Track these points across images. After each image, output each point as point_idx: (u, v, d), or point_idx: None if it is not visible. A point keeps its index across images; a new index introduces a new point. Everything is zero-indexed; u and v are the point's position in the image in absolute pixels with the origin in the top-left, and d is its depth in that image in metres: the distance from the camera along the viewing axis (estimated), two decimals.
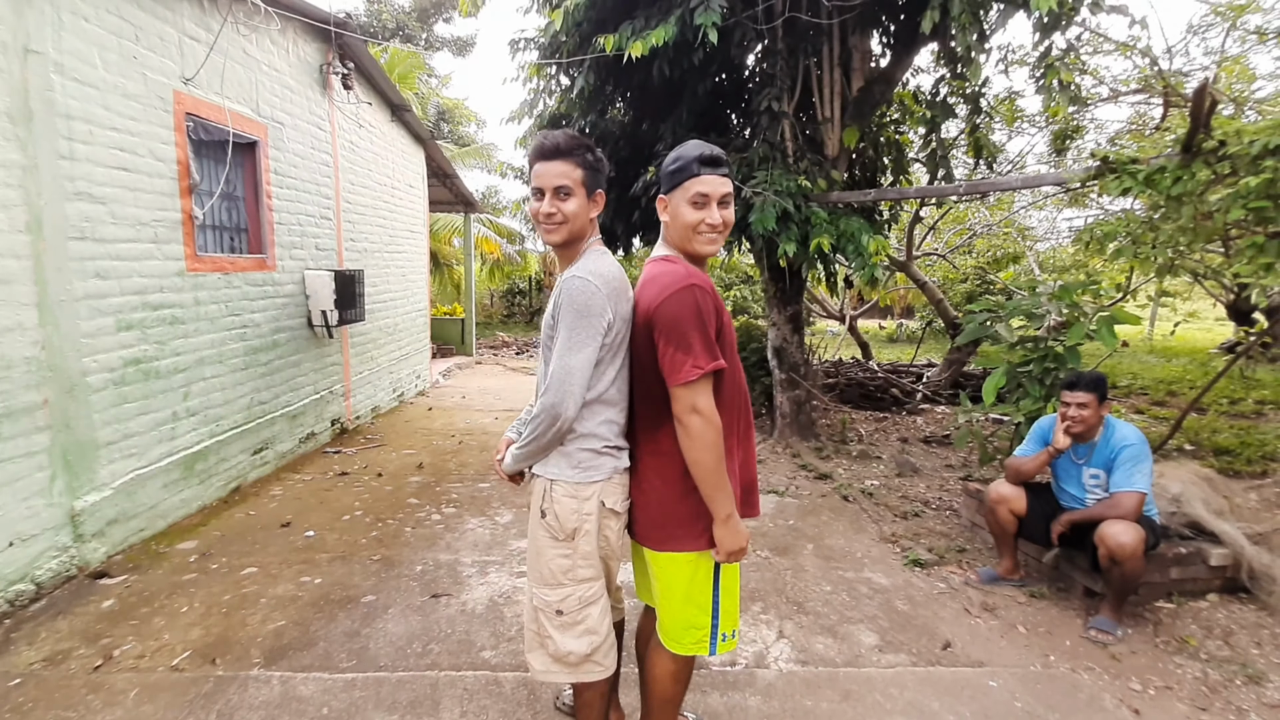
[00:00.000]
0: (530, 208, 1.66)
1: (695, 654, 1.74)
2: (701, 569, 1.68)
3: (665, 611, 1.73)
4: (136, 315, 3.52)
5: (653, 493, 1.66)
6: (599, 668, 1.73)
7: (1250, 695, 2.39)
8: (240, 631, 2.70)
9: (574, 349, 1.54)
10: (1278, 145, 2.64)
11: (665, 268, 1.62)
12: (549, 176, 1.61)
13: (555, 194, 1.62)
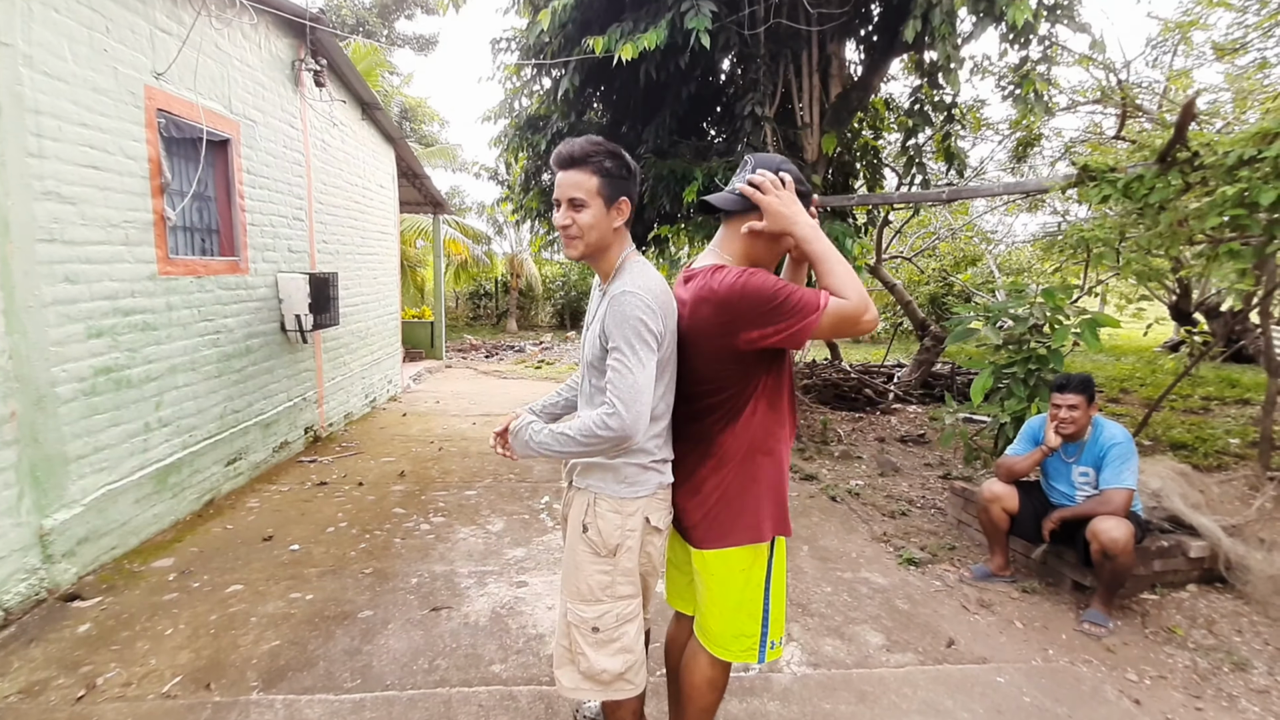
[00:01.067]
0: (554, 219, 1.64)
1: (742, 661, 1.73)
2: (756, 569, 1.67)
3: (714, 618, 1.71)
4: (107, 321, 3.33)
5: (711, 493, 1.65)
6: (630, 686, 1.70)
7: (1238, 682, 2.51)
8: (233, 653, 2.57)
9: (638, 366, 1.49)
10: (1252, 156, 2.79)
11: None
12: (564, 187, 1.57)
13: (570, 205, 1.57)
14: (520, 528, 3.95)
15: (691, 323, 1.62)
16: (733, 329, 1.53)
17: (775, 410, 1.64)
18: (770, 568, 1.70)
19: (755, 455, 1.63)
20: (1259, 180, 2.75)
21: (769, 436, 1.63)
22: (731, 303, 1.52)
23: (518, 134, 6.71)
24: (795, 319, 1.48)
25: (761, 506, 1.64)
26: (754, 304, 1.50)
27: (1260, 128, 2.84)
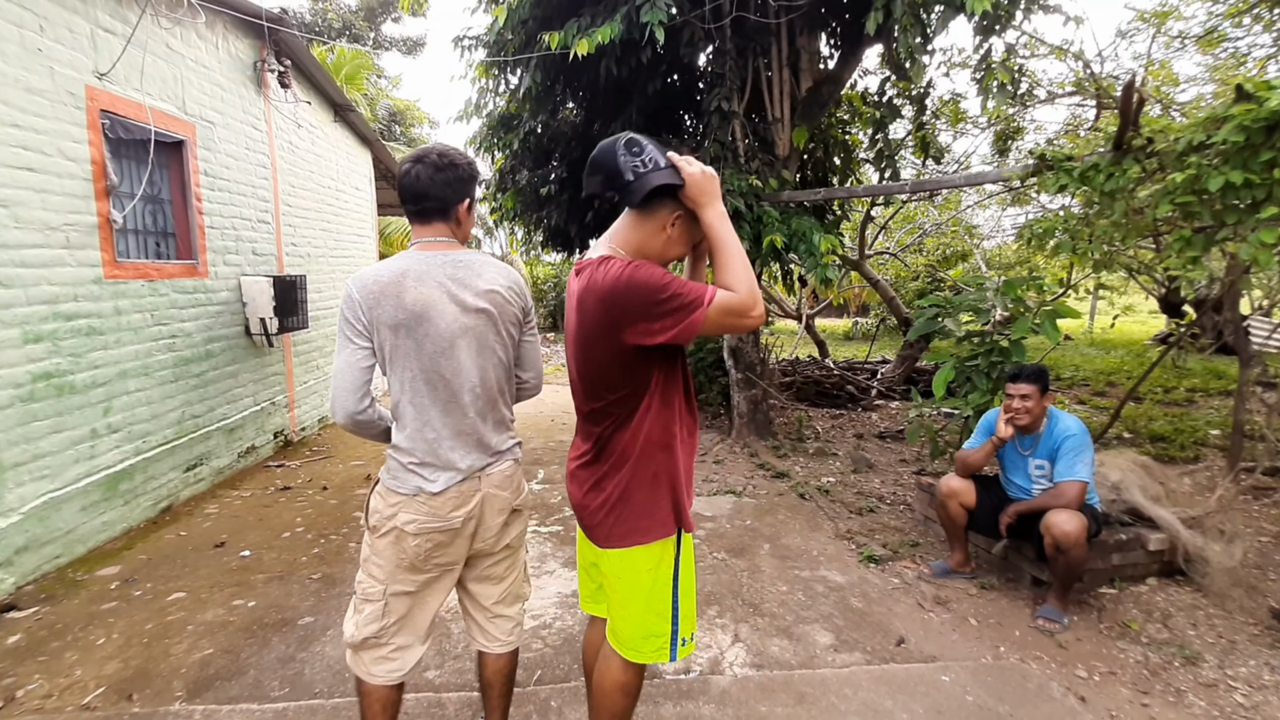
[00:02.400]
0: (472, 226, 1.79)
1: (654, 661, 1.67)
2: (663, 567, 1.61)
3: (623, 620, 1.65)
4: (46, 326, 3.27)
5: (611, 492, 1.59)
6: (363, 669, 1.72)
7: (1188, 676, 2.45)
8: (162, 663, 2.51)
9: (336, 353, 1.65)
10: (1201, 142, 2.73)
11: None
12: None
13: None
14: None
15: (579, 319, 1.56)
16: (619, 326, 1.46)
17: (668, 406, 1.57)
18: (678, 565, 1.64)
19: (653, 452, 1.56)
20: (1208, 166, 2.70)
21: (664, 432, 1.56)
22: (616, 298, 1.44)
23: (491, 133, 6.66)
24: (682, 314, 1.41)
25: (660, 503, 1.59)
26: (640, 298, 1.42)
27: (1210, 113, 2.79)
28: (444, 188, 1.61)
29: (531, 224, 7.22)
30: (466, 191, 1.66)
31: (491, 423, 1.69)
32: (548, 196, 6.72)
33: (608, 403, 1.57)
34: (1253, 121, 2.54)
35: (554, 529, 3.92)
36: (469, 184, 1.67)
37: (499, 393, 1.69)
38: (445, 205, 1.62)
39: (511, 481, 1.75)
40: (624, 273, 1.45)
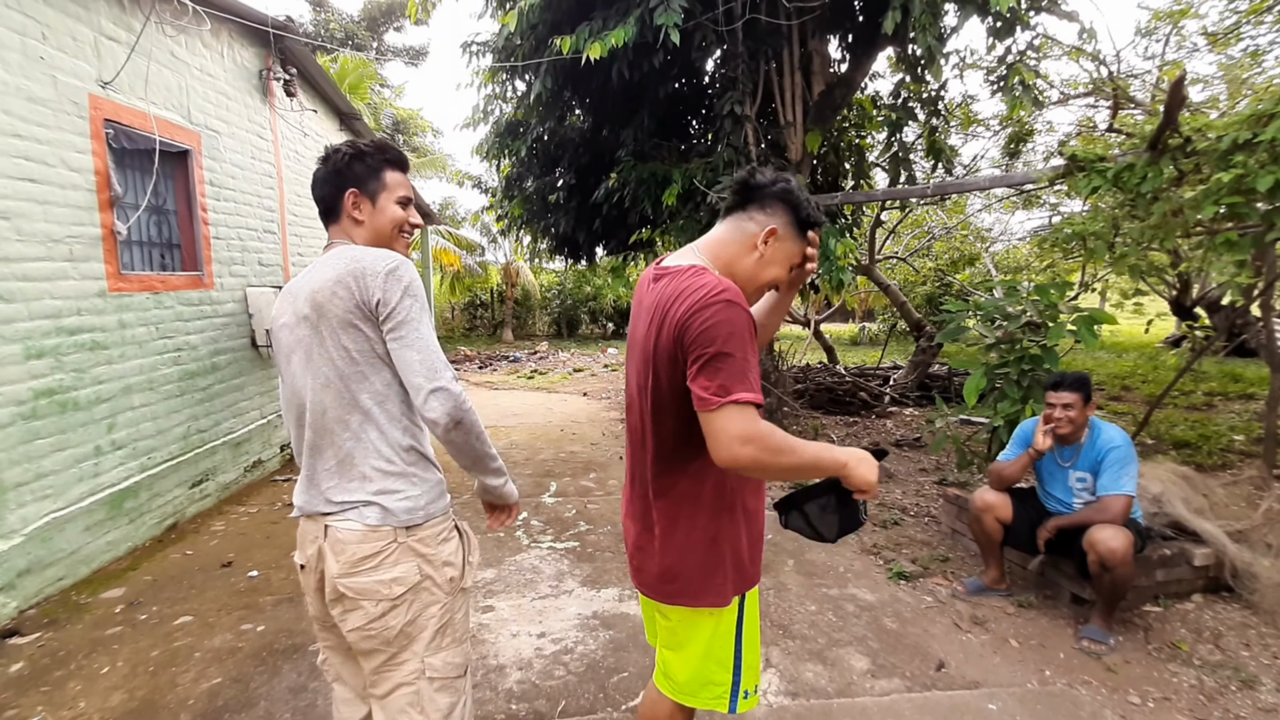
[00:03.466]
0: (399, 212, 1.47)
1: (711, 709, 1.49)
2: (724, 624, 1.44)
3: (678, 666, 1.49)
4: (49, 341, 3.18)
5: (664, 539, 1.40)
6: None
7: (1246, 701, 2.33)
8: (169, 694, 2.40)
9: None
10: (1247, 140, 2.63)
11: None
12: (410, 188, 1.54)
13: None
14: (493, 546, 3.78)
15: (652, 329, 1.33)
16: (679, 351, 1.26)
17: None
18: (742, 617, 1.46)
19: (717, 511, 1.37)
20: (1255, 165, 2.59)
21: (733, 491, 1.38)
22: (697, 321, 1.22)
23: (498, 140, 6.59)
24: (712, 389, 1.19)
25: (718, 569, 1.38)
26: (704, 339, 1.21)
27: (1254, 110, 2.68)
28: (323, 185, 1.45)
29: (539, 231, 7.14)
30: (343, 182, 1.43)
31: (332, 462, 1.34)
32: (555, 204, 6.65)
33: (668, 434, 1.35)
34: None
35: (570, 544, 3.80)
36: (343, 173, 1.43)
37: (337, 423, 1.32)
38: (329, 203, 1.45)
39: (352, 551, 1.31)
40: (719, 301, 1.22)
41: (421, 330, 1.30)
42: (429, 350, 1.29)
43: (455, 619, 1.43)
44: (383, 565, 1.32)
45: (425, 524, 1.37)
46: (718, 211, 4.79)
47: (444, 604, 1.39)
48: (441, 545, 1.39)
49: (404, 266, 1.34)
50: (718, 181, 4.99)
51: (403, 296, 1.30)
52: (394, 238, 1.47)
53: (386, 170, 1.46)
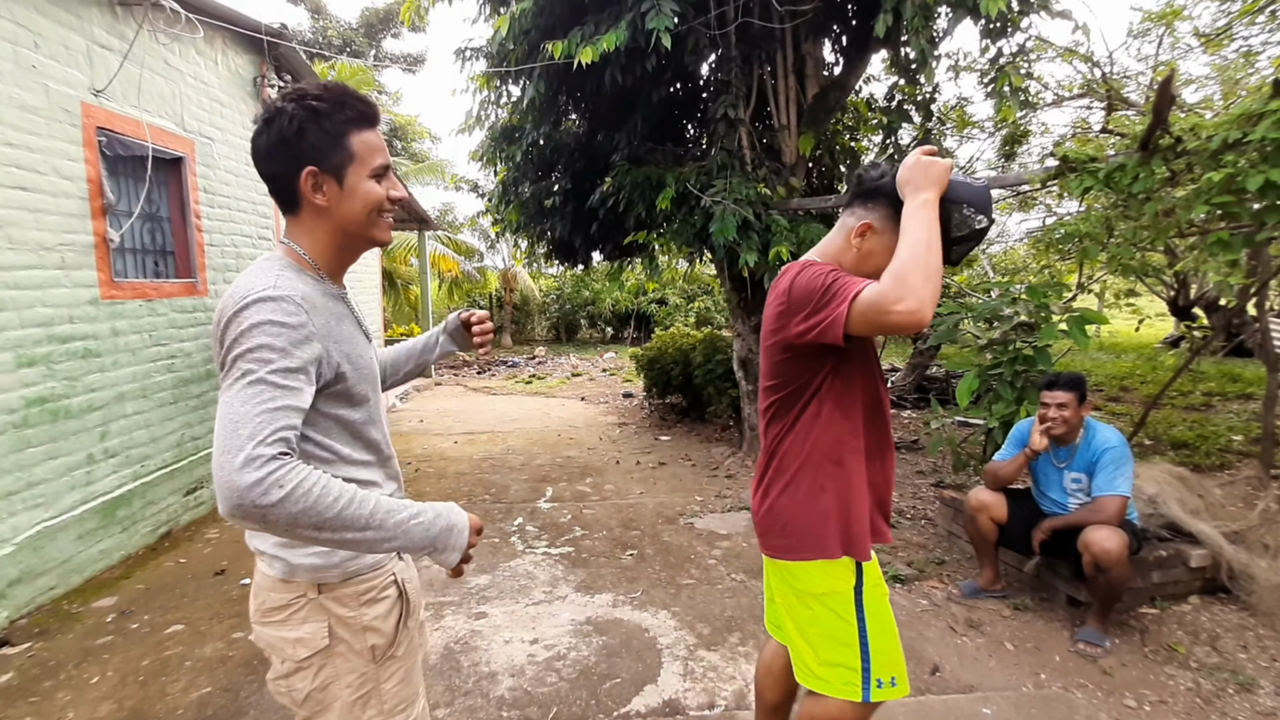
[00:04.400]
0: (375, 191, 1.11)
1: (847, 698, 1.46)
2: (837, 594, 1.47)
3: (798, 642, 1.52)
4: (40, 350, 3.17)
5: (774, 498, 1.54)
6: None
7: (1244, 704, 2.31)
8: (158, 704, 2.39)
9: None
10: (1237, 139, 2.62)
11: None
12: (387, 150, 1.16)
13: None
14: (488, 552, 3.76)
15: (764, 315, 1.57)
16: (785, 322, 1.43)
17: (846, 418, 1.46)
18: (860, 594, 1.48)
19: (820, 463, 1.47)
20: (1245, 165, 2.59)
21: (835, 445, 1.46)
22: (785, 294, 1.43)
23: (493, 145, 6.59)
24: (825, 311, 1.31)
25: (823, 519, 1.47)
26: (801, 295, 1.38)
27: (1245, 109, 2.68)
28: (268, 159, 1.09)
29: (535, 236, 7.13)
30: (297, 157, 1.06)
31: None
32: (551, 208, 6.64)
33: (772, 402, 1.54)
34: None
35: (565, 550, 3.79)
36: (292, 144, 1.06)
37: None
38: (280, 185, 1.10)
39: (263, 598, 1.15)
40: (801, 269, 1.42)
41: (237, 389, 0.95)
42: (227, 417, 0.93)
43: (384, 689, 1.17)
44: (290, 621, 1.14)
45: (347, 582, 1.14)
46: (711, 215, 4.76)
47: (363, 673, 1.15)
48: (365, 607, 1.15)
49: (253, 309, 0.98)
50: (711, 185, 4.99)
51: (238, 340, 0.97)
52: (371, 225, 1.14)
53: (352, 132, 1.08)
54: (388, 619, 1.17)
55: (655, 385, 7.91)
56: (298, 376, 1.00)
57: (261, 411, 0.94)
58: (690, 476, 5.32)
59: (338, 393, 1.11)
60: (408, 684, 1.21)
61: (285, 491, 0.90)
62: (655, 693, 2.41)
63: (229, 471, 0.90)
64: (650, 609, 3.06)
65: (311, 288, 1.09)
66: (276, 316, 0.99)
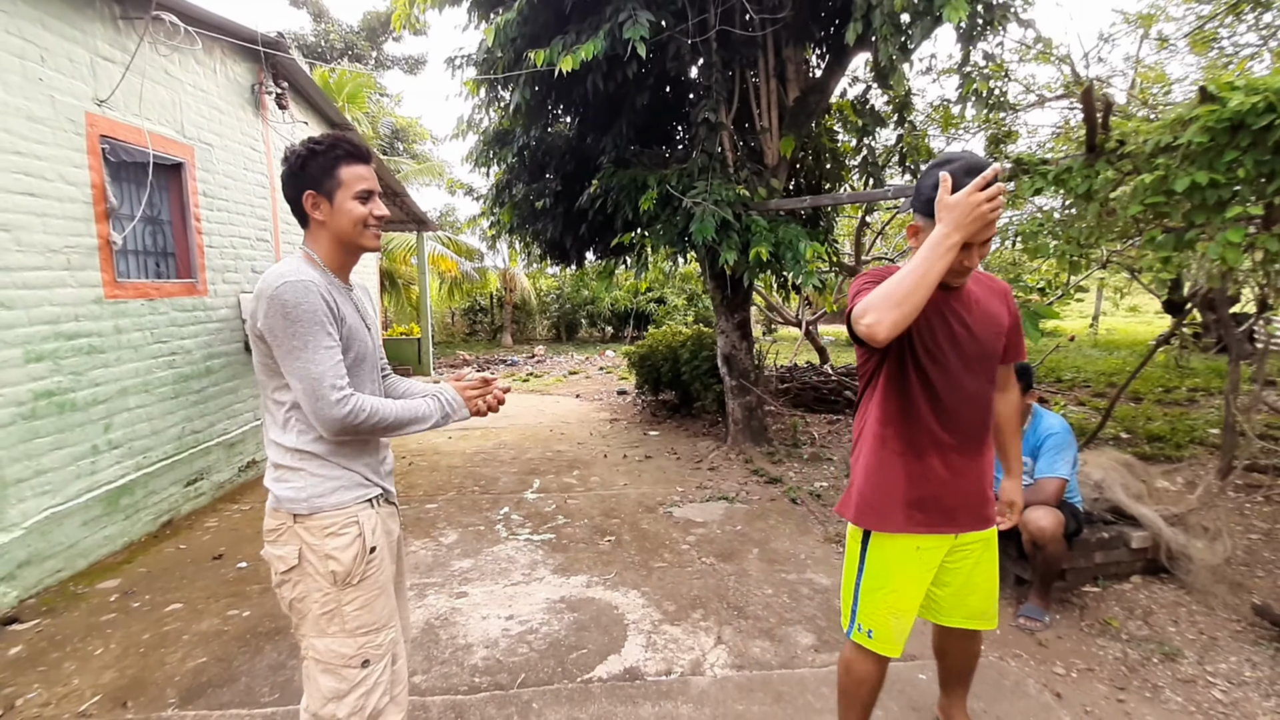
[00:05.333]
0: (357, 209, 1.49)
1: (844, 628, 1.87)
2: (852, 544, 1.82)
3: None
4: (48, 346, 3.37)
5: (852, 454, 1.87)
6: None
7: (1166, 672, 2.47)
8: (157, 672, 2.58)
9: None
10: (1169, 143, 2.78)
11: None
12: (373, 179, 1.54)
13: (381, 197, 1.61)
14: (473, 539, 3.95)
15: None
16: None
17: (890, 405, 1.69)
18: (864, 557, 1.78)
19: (867, 437, 1.75)
20: (1175, 167, 2.74)
21: (881, 425, 1.71)
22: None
23: (485, 148, 6.78)
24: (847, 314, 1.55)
25: (854, 485, 1.78)
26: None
27: (1177, 114, 2.84)
28: (285, 187, 1.52)
29: (529, 237, 7.32)
30: (300, 184, 1.48)
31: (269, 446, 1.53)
32: (542, 210, 6.82)
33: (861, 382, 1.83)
34: (1216, 122, 2.59)
35: (546, 537, 3.97)
36: (299, 175, 1.47)
37: (266, 412, 1.53)
38: (293, 206, 1.52)
39: (266, 521, 1.52)
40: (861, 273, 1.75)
41: (300, 358, 1.38)
42: (307, 377, 1.38)
43: (344, 610, 1.47)
44: (277, 541, 1.50)
45: (313, 515, 1.46)
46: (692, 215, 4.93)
47: (327, 592, 1.46)
48: (328, 538, 1.46)
49: (285, 290, 1.37)
50: (693, 186, 5.16)
51: (278, 321, 1.38)
52: (359, 235, 1.51)
53: (342, 166, 1.47)
54: (346, 551, 1.48)
55: (647, 382, 8.09)
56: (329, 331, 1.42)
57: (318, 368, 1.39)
58: (674, 469, 5.49)
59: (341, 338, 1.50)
60: (369, 611, 1.51)
61: (366, 414, 1.43)
62: (618, 661, 2.59)
63: (324, 407, 1.39)
64: (621, 589, 3.24)
65: (321, 276, 1.48)
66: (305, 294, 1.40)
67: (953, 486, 1.70)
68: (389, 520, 1.64)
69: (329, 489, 1.48)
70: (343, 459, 1.51)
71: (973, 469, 1.72)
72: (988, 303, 1.70)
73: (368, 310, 1.66)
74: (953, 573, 1.83)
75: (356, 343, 1.52)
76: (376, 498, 1.58)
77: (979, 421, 1.71)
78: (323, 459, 1.49)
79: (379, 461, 1.62)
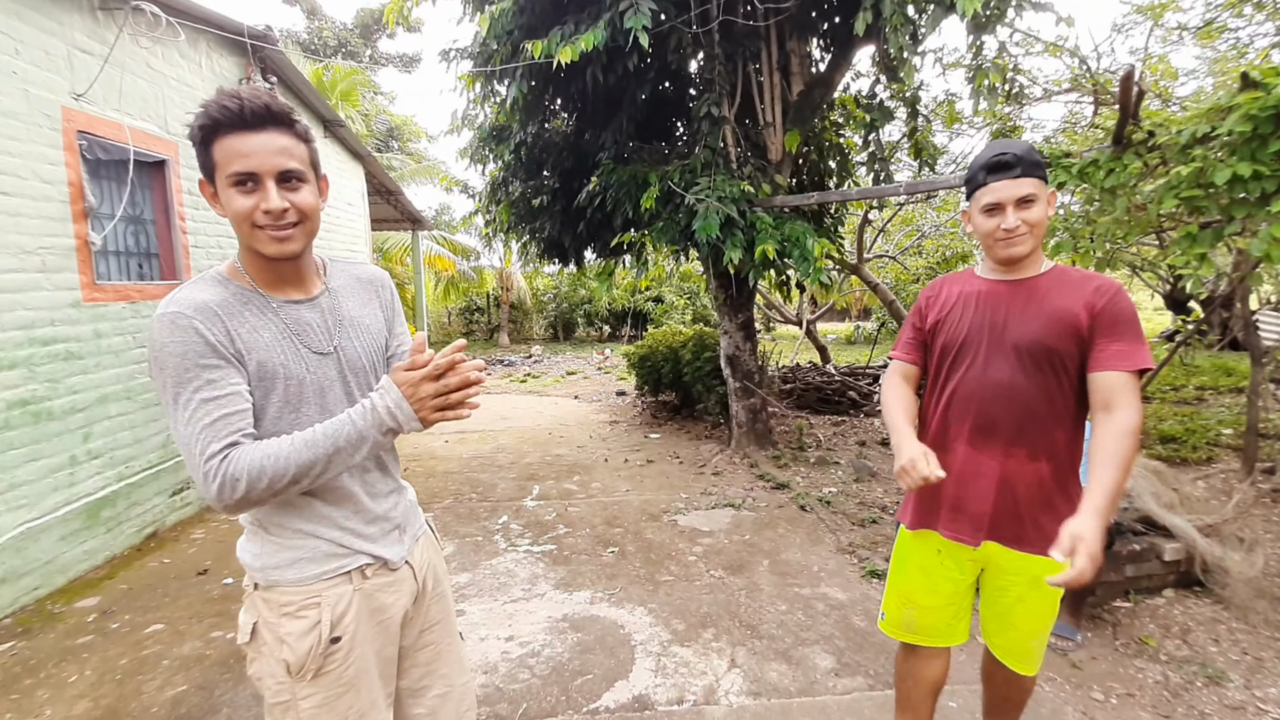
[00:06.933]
0: (235, 200, 1.08)
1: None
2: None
3: None
4: (21, 352, 3.20)
5: None
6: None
7: (1212, 697, 2.32)
8: (133, 701, 2.41)
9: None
10: (1205, 134, 2.63)
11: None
12: (265, 154, 1.06)
13: (282, 181, 1.08)
14: (471, 551, 3.78)
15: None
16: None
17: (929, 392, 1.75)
18: (897, 548, 1.83)
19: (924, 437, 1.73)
20: (1214, 158, 2.59)
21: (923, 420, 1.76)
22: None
23: (481, 144, 6.60)
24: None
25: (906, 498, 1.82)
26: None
27: (1214, 103, 2.68)
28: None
29: (526, 236, 7.15)
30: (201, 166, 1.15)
31: None
32: (540, 208, 6.65)
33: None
34: (1260, 110, 2.43)
35: (547, 548, 3.81)
36: (198, 148, 1.12)
37: None
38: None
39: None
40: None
41: (171, 419, 1.06)
42: (180, 444, 1.06)
43: (299, 705, 1.16)
44: (244, 604, 1.22)
45: (270, 588, 1.17)
46: (695, 213, 4.76)
47: (281, 681, 1.16)
48: (284, 619, 1.15)
49: (155, 327, 1.06)
50: (695, 183, 5.00)
51: (153, 370, 1.08)
52: (248, 237, 1.10)
53: (216, 140, 1.06)
54: (301, 639, 1.14)
55: (647, 383, 7.93)
56: (207, 376, 1.05)
57: (188, 426, 1.03)
58: (677, 474, 5.33)
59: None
60: (329, 712, 1.17)
61: (246, 477, 1.02)
62: (626, 688, 2.43)
63: (201, 485, 1.04)
64: (627, 605, 3.08)
65: (223, 295, 1.11)
66: (171, 330, 1.05)
67: (973, 487, 1.62)
68: (382, 593, 1.23)
69: (287, 560, 1.16)
70: (307, 520, 1.17)
71: (998, 471, 1.58)
72: (1060, 297, 1.55)
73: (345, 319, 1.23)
74: (995, 599, 1.73)
75: (282, 382, 1.12)
76: (364, 568, 1.21)
77: (1010, 417, 1.57)
78: (280, 522, 1.17)
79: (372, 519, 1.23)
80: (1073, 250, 3.25)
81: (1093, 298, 1.52)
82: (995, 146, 1.58)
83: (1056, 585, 1.30)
